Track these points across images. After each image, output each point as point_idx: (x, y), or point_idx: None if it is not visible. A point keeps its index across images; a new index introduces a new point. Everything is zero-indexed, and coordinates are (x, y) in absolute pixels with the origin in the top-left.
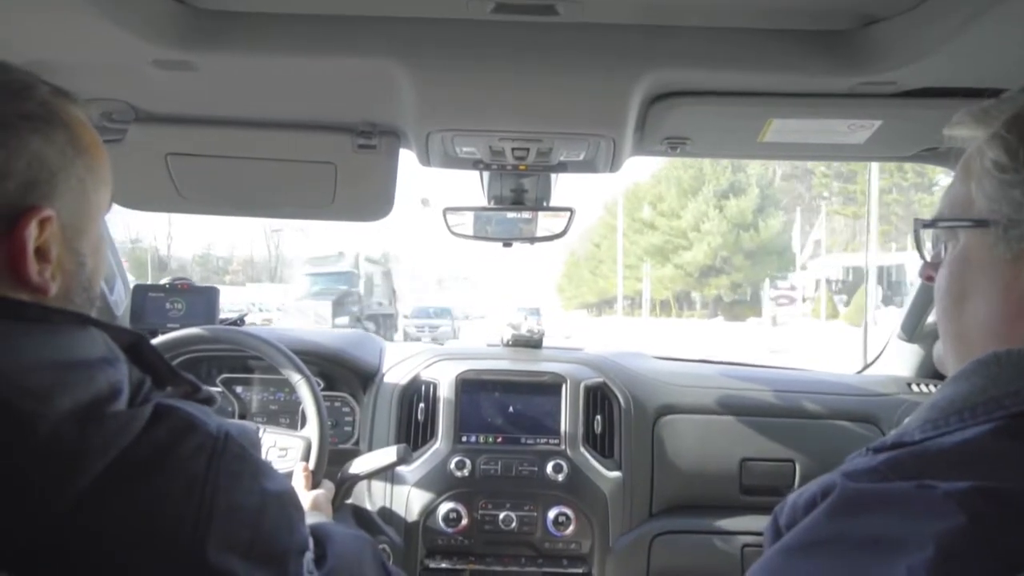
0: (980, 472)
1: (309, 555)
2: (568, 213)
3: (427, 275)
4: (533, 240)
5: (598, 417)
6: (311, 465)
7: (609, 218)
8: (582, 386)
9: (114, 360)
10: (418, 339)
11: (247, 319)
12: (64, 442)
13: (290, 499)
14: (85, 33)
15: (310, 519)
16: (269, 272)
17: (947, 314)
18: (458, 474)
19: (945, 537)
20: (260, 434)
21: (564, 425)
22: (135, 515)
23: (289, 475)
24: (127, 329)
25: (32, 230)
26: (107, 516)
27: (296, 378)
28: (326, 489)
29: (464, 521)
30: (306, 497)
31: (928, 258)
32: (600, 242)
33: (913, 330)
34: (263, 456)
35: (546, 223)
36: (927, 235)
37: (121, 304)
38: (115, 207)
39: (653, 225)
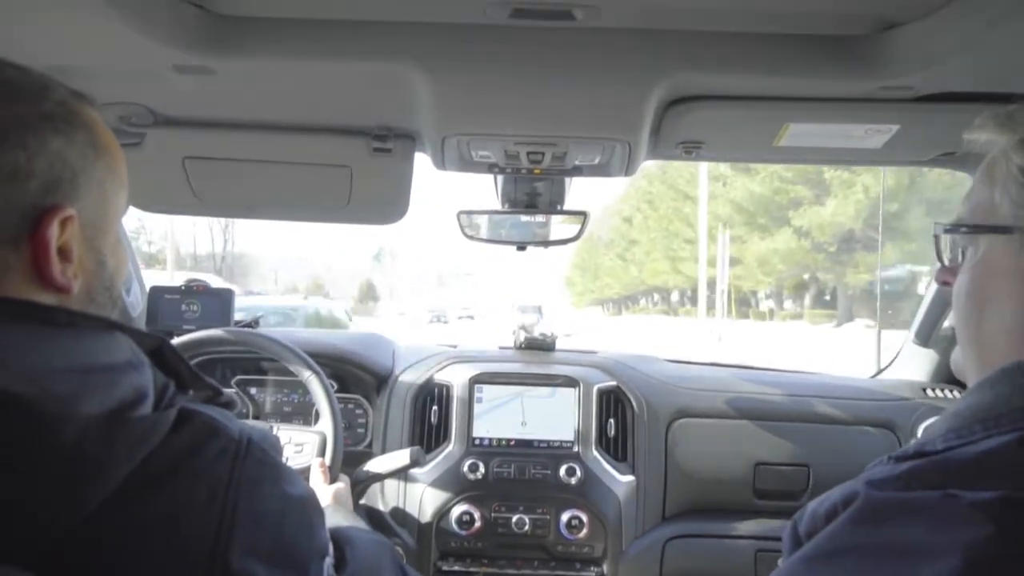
0: (1006, 482)
1: (329, 560)
2: (582, 216)
3: (428, 272)
4: (547, 244)
5: (611, 420)
6: (327, 459)
7: (647, 184)
8: (595, 389)
9: (139, 364)
10: None
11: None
12: (89, 447)
13: (311, 503)
14: (105, 38)
15: (331, 518)
16: (215, 265)
17: (967, 321)
18: (471, 476)
19: (972, 547)
20: (274, 432)
21: (577, 428)
22: (159, 519)
23: (306, 471)
24: (151, 333)
25: (54, 229)
26: (131, 520)
27: (306, 374)
28: (344, 482)
29: (477, 523)
30: (326, 492)
31: (947, 263)
32: (632, 215)
33: (928, 335)
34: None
35: (560, 226)
36: (946, 240)
37: (137, 305)
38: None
39: (748, 166)
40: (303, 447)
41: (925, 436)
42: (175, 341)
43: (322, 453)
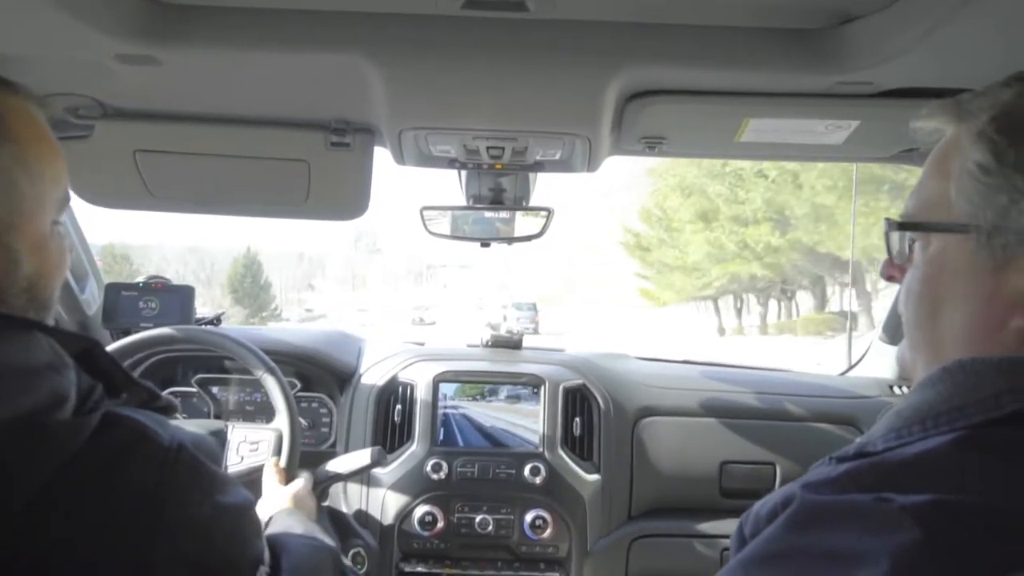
0: (939, 485)
1: (264, 569)
2: (546, 213)
3: (416, 263)
4: (511, 240)
5: (577, 419)
6: (283, 457)
7: None
8: (561, 388)
9: (60, 367)
10: None
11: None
12: (2, 452)
13: (245, 512)
14: (44, 27)
15: (286, 520)
16: None
17: (919, 321)
18: (434, 477)
19: (899, 552)
20: (230, 432)
21: (542, 427)
22: (80, 527)
23: (259, 470)
24: (78, 335)
25: None
26: (51, 528)
27: (260, 373)
28: (304, 480)
29: (440, 524)
30: (283, 493)
31: (895, 258)
32: None
33: (895, 332)
34: (234, 453)
35: (524, 223)
36: (895, 234)
37: (93, 303)
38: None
39: None
40: (258, 445)
41: (867, 436)
42: (123, 342)
43: (278, 451)
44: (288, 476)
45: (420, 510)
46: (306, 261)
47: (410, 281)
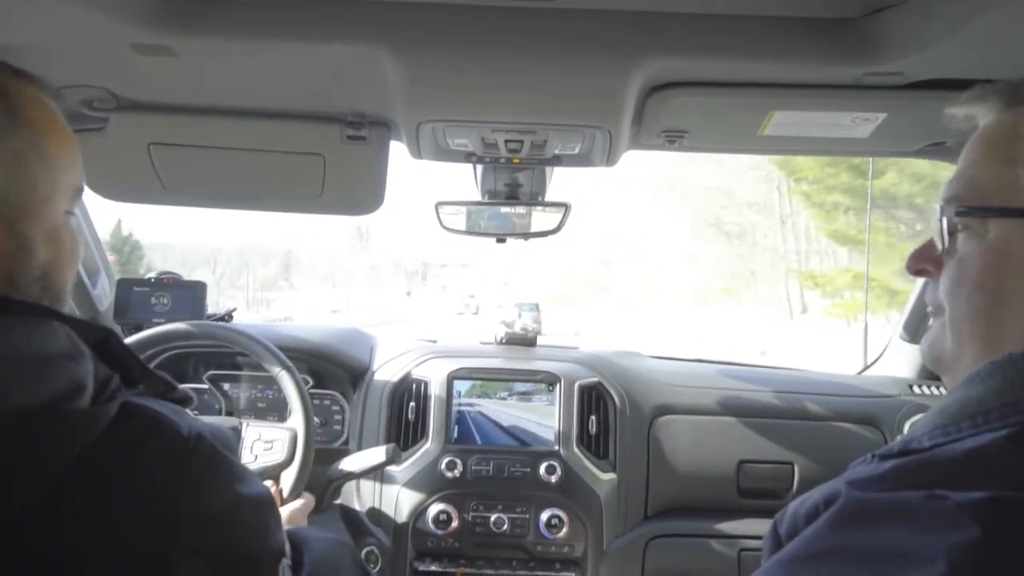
0: (995, 482)
1: (285, 561)
2: (563, 208)
3: (412, 261)
4: (527, 236)
5: (593, 417)
6: (298, 456)
7: None
8: (576, 385)
9: (77, 355)
10: None
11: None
12: (20, 440)
13: (265, 504)
14: (59, 16)
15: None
16: None
17: (973, 313)
18: (449, 475)
19: (957, 551)
20: (244, 429)
21: (558, 425)
22: (97, 516)
23: (272, 473)
24: (95, 324)
25: None
26: (69, 517)
27: (277, 370)
28: (305, 500)
29: (454, 523)
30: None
31: (942, 248)
32: None
33: (916, 330)
34: (248, 452)
35: (540, 218)
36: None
37: (105, 298)
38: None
39: None
40: (273, 444)
41: (911, 433)
42: (139, 336)
43: (293, 450)
44: (295, 491)
45: (434, 508)
46: (292, 258)
47: (402, 281)
